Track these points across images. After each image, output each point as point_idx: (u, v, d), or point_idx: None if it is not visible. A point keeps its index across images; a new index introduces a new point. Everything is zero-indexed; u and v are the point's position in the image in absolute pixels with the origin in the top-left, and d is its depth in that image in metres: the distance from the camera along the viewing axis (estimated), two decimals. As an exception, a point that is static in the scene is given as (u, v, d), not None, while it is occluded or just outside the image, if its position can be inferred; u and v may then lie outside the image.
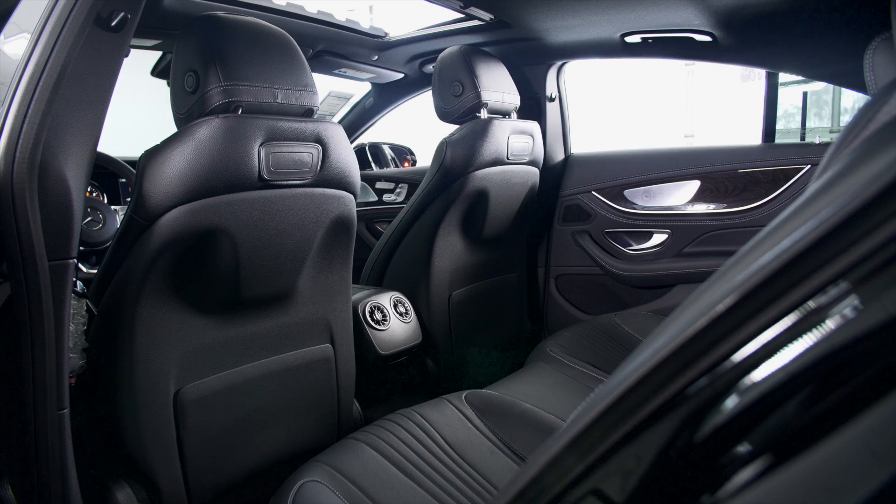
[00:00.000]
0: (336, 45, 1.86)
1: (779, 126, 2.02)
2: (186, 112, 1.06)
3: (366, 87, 2.38)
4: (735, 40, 1.57)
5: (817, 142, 1.71)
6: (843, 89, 4.54)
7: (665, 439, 0.38)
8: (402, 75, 2.15)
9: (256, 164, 1.05)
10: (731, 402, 0.34)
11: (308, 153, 1.14)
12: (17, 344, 0.89)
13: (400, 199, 2.38)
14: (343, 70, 2.03)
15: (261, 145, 1.05)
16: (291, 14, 1.67)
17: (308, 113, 1.17)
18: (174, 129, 1.05)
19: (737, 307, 0.34)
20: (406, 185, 2.38)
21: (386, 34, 1.95)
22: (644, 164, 1.94)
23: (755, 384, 0.33)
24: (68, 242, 0.91)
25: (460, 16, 1.83)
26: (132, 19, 0.92)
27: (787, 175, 1.72)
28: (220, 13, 1.11)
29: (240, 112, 1.05)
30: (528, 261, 2.06)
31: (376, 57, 1.99)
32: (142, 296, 1.04)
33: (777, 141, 1.86)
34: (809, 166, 1.68)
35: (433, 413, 1.16)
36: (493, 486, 1.05)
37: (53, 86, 0.84)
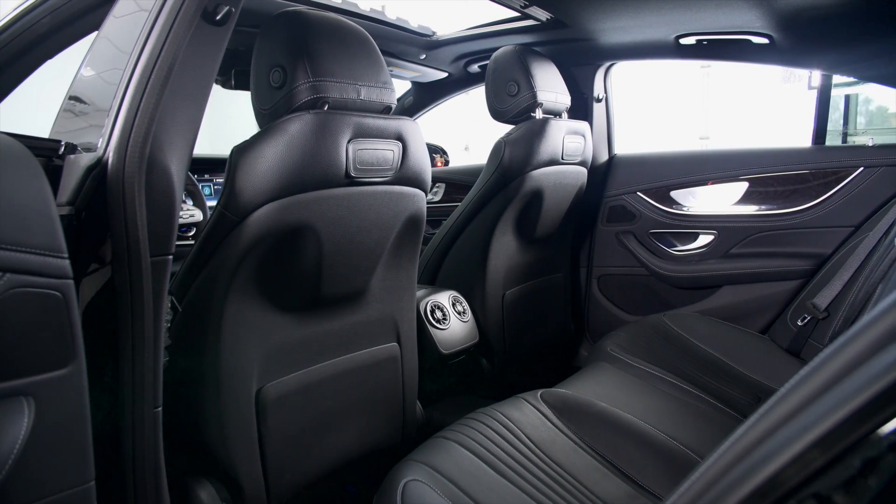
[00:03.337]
0: (387, 44, 1.86)
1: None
2: (271, 108, 1.05)
3: (403, 85, 2.37)
4: (793, 42, 1.58)
5: (870, 144, 1.72)
6: (857, 93, 4.57)
7: None
8: (445, 74, 2.14)
9: (344, 160, 1.05)
10: None
11: (390, 150, 1.13)
12: (117, 340, 0.88)
13: (437, 198, 2.38)
14: (390, 69, 2.03)
15: (348, 142, 1.05)
16: (346, 11, 1.67)
17: (387, 110, 1.16)
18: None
19: None
20: (443, 185, 2.38)
21: (433, 33, 1.95)
22: (690, 166, 1.94)
23: None
24: (169, 238, 0.90)
25: (509, 15, 1.84)
26: (235, 13, 0.91)
27: (839, 177, 1.72)
28: (302, 8, 1.10)
29: (326, 108, 1.04)
30: (570, 261, 2.06)
31: (424, 56, 1.98)
32: (230, 292, 1.03)
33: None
34: (862, 168, 1.68)
35: (513, 412, 1.16)
36: (583, 484, 1.05)
37: (164, 79, 0.83)
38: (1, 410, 0.60)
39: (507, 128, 1.70)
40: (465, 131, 5.76)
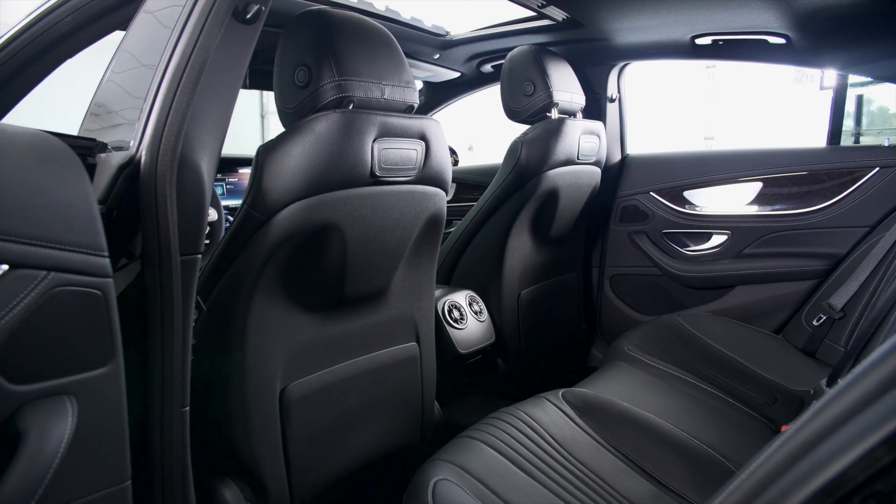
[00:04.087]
0: (402, 43, 1.83)
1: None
2: (296, 107, 1.05)
3: (413, 86, 2.37)
4: (810, 42, 1.58)
5: (886, 144, 1.72)
6: (866, 94, 4.58)
7: None
8: (458, 74, 2.14)
9: (369, 160, 1.05)
10: None
11: (413, 150, 1.13)
12: (145, 339, 0.88)
13: (448, 198, 2.37)
14: (403, 69, 2.03)
15: (374, 141, 1.05)
16: (362, 11, 1.67)
17: (409, 109, 1.16)
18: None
19: None
20: (454, 185, 2.38)
21: (447, 32, 1.95)
22: (704, 166, 1.95)
23: None
24: (198, 237, 0.90)
25: (522, 15, 1.84)
26: (264, 12, 0.91)
27: (855, 178, 1.73)
28: (325, 8, 1.10)
29: (351, 107, 1.04)
30: (583, 261, 2.06)
31: (438, 55, 1.98)
32: (255, 292, 1.03)
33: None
34: (878, 168, 1.69)
35: (536, 412, 1.16)
36: (608, 483, 1.05)
37: (195, 78, 0.83)
38: (46, 410, 0.60)
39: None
40: (469, 132, 5.76)
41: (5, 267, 0.56)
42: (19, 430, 0.58)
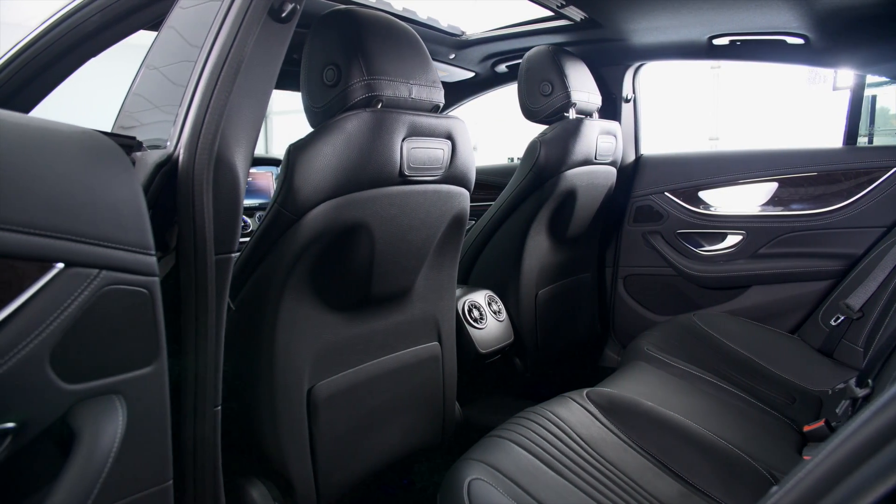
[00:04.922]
0: (419, 43, 1.85)
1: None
2: (324, 106, 1.05)
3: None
4: (828, 43, 1.58)
5: (903, 144, 1.72)
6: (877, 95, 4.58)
7: None
8: (472, 74, 2.14)
9: (398, 159, 1.05)
10: None
11: (440, 149, 1.13)
12: (179, 339, 0.87)
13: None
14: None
15: (403, 140, 1.05)
16: (379, 10, 1.66)
17: (435, 109, 1.17)
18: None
19: None
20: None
21: (463, 32, 1.94)
22: (719, 166, 1.95)
23: None
24: (233, 236, 0.90)
25: (538, 15, 1.84)
26: (299, 10, 0.91)
27: (872, 178, 1.73)
28: (353, 7, 1.10)
29: (379, 107, 1.04)
30: (597, 261, 2.07)
31: (453, 55, 1.98)
32: (285, 291, 1.03)
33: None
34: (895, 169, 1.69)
35: (562, 411, 1.16)
36: (637, 483, 1.05)
37: (233, 77, 0.83)
38: (98, 409, 0.60)
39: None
40: (472, 132, 5.76)
41: (61, 265, 0.56)
42: (72, 429, 0.58)
